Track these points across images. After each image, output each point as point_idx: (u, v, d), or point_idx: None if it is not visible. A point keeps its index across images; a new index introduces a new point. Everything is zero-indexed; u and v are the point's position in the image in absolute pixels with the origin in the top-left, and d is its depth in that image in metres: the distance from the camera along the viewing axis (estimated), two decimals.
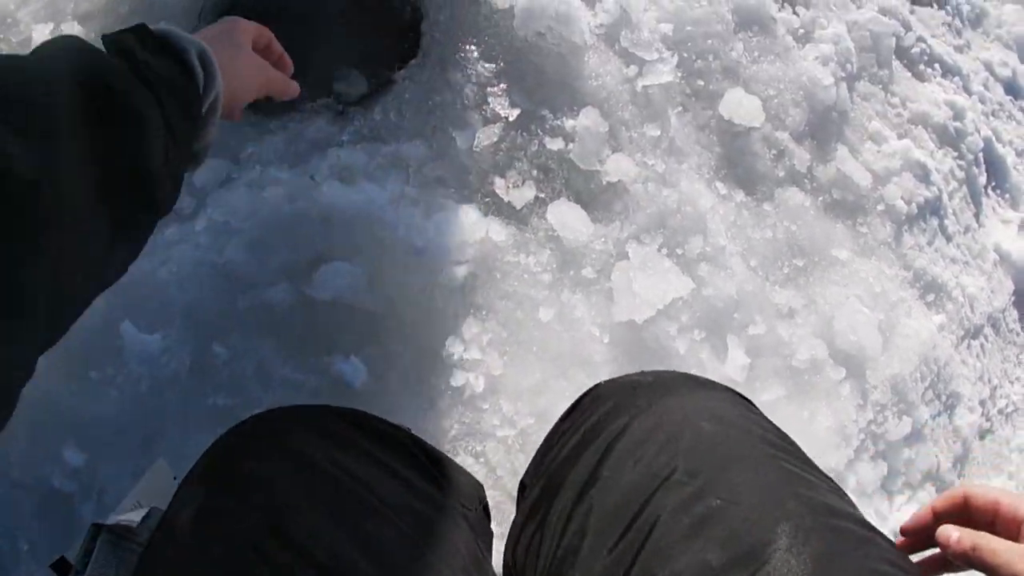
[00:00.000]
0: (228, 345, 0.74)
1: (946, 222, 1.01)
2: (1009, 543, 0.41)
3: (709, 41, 0.93)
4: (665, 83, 0.89)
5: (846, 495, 0.45)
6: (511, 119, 0.85)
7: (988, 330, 1.00)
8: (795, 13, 1.04)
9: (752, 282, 0.82)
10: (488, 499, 0.70)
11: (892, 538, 0.43)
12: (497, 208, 0.82)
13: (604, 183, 0.83)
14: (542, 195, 0.82)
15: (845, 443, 0.79)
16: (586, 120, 0.84)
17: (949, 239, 1.01)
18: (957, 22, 1.23)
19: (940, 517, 0.45)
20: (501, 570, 0.56)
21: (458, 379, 0.74)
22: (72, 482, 0.70)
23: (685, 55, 0.92)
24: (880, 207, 0.96)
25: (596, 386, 0.54)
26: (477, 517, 0.52)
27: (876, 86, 1.07)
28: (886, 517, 0.84)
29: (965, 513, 0.44)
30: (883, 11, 1.12)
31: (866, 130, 1.02)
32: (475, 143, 0.83)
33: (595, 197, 0.83)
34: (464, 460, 0.74)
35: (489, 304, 0.76)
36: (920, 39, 1.15)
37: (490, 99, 0.86)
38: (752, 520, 0.38)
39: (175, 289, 0.75)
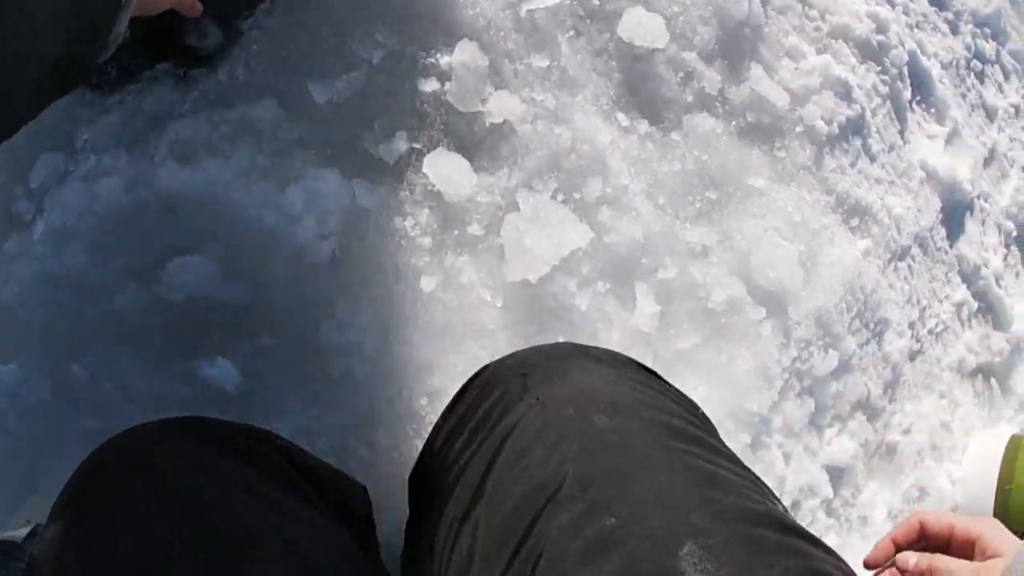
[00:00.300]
0: (84, 364, 0.68)
1: (870, 141, 0.95)
2: (962, 562, 0.45)
3: None
4: (553, 5, 0.78)
5: (764, 486, 0.41)
6: (376, 62, 0.73)
7: (916, 250, 0.96)
8: None
9: (660, 222, 0.75)
10: (385, 489, 0.65)
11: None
12: (367, 166, 0.72)
13: (488, 125, 0.73)
14: (418, 146, 0.72)
15: (768, 385, 0.75)
16: (463, 55, 0.73)
17: (873, 159, 0.95)
18: None
19: (900, 546, 0.49)
20: (403, 561, 0.52)
21: (338, 367, 0.66)
22: None
23: None
24: (799, 129, 0.89)
25: (483, 369, 0.50)
26: (358, 526, 0.49)
27: None
28: (816, 453, 0.81)
29: (922, 539, 0.49)
30: None
31: (782, 47, 0.94)
32: (335, 94, 0.72)
33: (479, 143, 0.73)
34: (356, 452, 0.67)
35: (364, 279, 0.68)
36: None
37: (351, 40, 0.74)
38: (653, 541, 0.34)
39: (21, 311, 0.68)
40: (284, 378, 0.68)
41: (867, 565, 0.51)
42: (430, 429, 0.53)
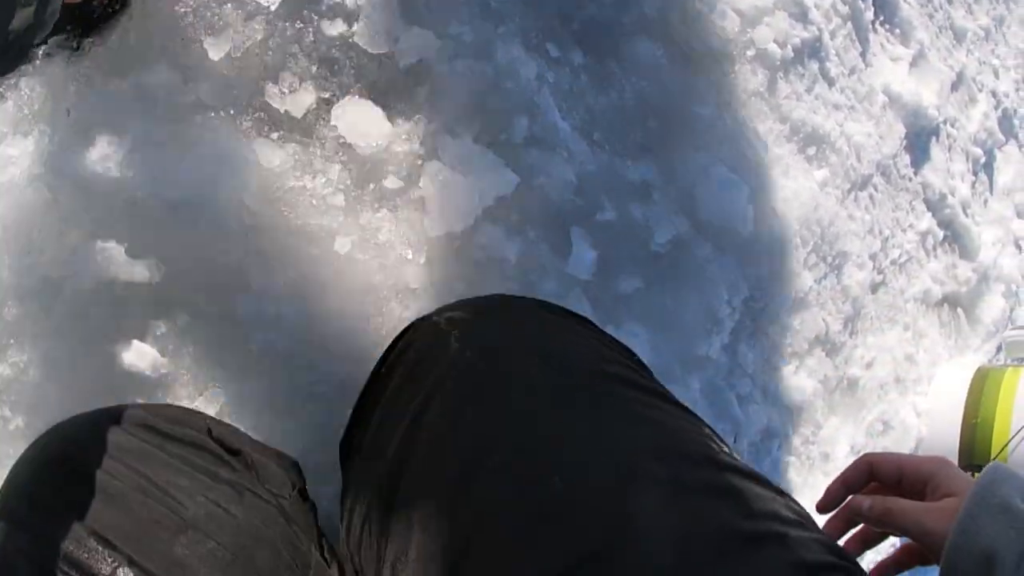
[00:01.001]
0: (6, 360, 0.63)
1: (828, 64, 0.89)
2: (915, 502, 0.44)
3: None
4: None
5: (704, 426, 0.40)
6: (275, 7, 0.66)
7: (878, 179, 0.91)
8: None
9: (596, 160, 0.70)
10: (320, 458, 0.62)
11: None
12: (273, 123, 0.66)
13: (401, 67, 0.67)
14: (326, 95, 0.66)
15: (718, 327, 0.72)
16: None
17: (831, 83, 0.89)
18: None
19: (850, 487, 0.48)
20: (342, 536, 0.50)
21: (257, 339, 0.63)
22: None
23: None
24: (750, 53, 0.83)
25: (406, 330, 0.49)
26: (292, 503, 0.47)
27: None
28: (773, 392, 0.79)
29: (872, 480, 0.47)
30: None
31: None
32: (232, 48, 0.65)
33: (393, 87, 0.67)
34: (285, 425, 0.64)
35: (276, 245, 0.63)
36: None
37: None
38: (601, 491, 0.33)
39: None
40: (204, 356, 0.64)
41: (820, 510, 0.49)
42: (358, 396, 0.50)
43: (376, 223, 0.64)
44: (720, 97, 0.79)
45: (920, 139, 1.00)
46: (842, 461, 0.82)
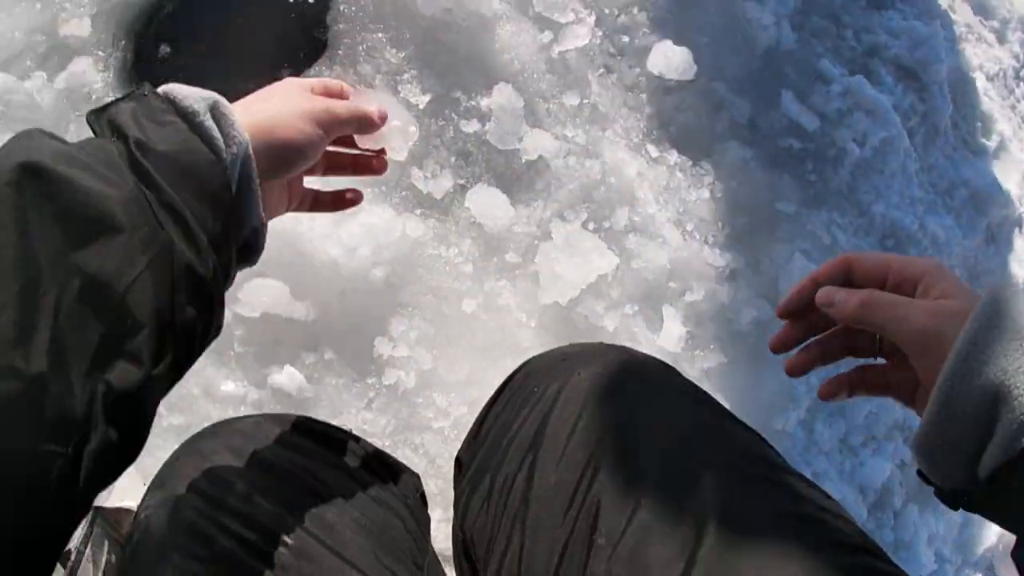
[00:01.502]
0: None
1: (907, 161, 0.95)
2: (902, 296, 0.35)
3: None
4: (583, 46, 0.84)
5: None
6: (423, 106, 0.82)
7: (960, 271, 0.94)
8: None
9: (688, 248, 0.79)
10: (431, 487, 0.72)
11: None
12: (417, 201, 0.80)
13: (524, 162, 0.80)
14: (462, 181, 0.80)
15: (794, 404, 0.77)
16: (500, 97, 0.81)
17: (911, 179, 0.94)
18: None
19: (822, 284, 0.38)
20: (452, 547, 0.57)
21: (390, 377, 0.74)
22: None
23: (606, 11, 0.87)
24: (831, 152, 0.91)
25: (526, 362, 0.53)
26: (416, 504, 0.54)
27: (826, 20, 0.99)
28: (849, 473, 0.81)
29: (850, 282, 0.38)
30: None
31: (814, 70, 0.95)
32: None
33: (516, 178, 0.80)
34: (403, 453, 0.74)
35: (414, 301, 0.75)
36: None
37: (401, 87, 0.83)
38: (677, 478, 0.37)
39: None
40: (342, 385, 0.76)
41: (781, 314, 0.40)
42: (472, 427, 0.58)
43: (497, 290, 0.75)
44: (803, 194, 0.87)
45: (1003, 230, 1.02)
46: (921, 551, 0.83)
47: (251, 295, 0.77)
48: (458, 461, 0.53)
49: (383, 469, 0.51)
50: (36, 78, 0.86)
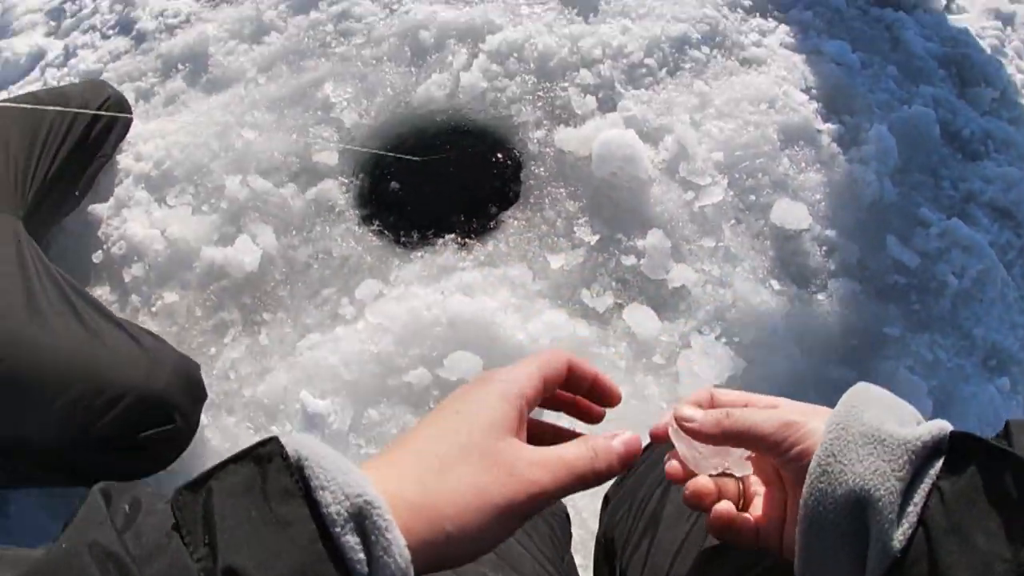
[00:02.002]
0: (379, 411, 1.04)
1: (1005, 289, 1.08)
2: (764, 409, 0.36)
3: (758, 160, 1.14)
4: (718, 202, 1.11)
5: None
6: (592, 243, 1.11)
7: None
8: (840, 122, 1.21)
9: (806, 362, 0.99)
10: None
11: None
12: (583, 312, 1.07)
13: (670, 288, 1.06)
14: (620, 301, 1.07)
15: None
16: (653, 239, 1.09)
17: (1010, 305, 1.07)
18: (1011, 93, 1.31)
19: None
20: (593, 554, 0.72)
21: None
22: None
23: (736, 176, 1.14)
24: (932, 285, 1.08)
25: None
26: (560, 522, 0.69)
27: (924, 174, 1.19)
28: None
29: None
30: (927, 102, 1.25)
31: (914, 217, 1.14)
32: (565, 264, 1.11)
33: (663, 300, 1.06)
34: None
35: None
36: (969, 120, 1.25)
37: (576, 228, 1.14)
38: None
39: (342, 368, 1.05)
40: None
41: (654, 438, 0.42)
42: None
43: (644, 384, 0.99)
44: (907, 321, 1.04)
45: None
46: None
47: (453, 363, 1.05)
48: (606, 499, 0.67)
49: None
50: (288, 187, 1.16)
